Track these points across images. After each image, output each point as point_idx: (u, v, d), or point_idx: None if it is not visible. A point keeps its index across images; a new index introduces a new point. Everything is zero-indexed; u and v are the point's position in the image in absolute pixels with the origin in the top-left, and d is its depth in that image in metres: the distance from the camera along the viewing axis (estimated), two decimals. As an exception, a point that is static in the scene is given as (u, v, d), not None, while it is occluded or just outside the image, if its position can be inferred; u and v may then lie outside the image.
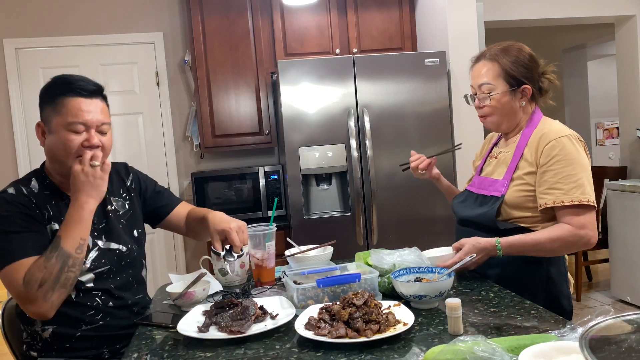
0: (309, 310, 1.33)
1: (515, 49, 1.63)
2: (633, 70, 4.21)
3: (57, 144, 1.50)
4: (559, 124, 1.63)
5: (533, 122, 1.65)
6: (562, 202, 1.50)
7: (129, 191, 1.75)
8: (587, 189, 1.50)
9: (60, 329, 1.54)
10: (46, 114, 1.52)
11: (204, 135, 3.43)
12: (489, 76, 1.63)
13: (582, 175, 1.51)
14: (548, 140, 1.55)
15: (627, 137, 4.38)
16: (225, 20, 3.41)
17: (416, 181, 3.11)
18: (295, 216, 3.03)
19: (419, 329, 1.26)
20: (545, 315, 1.29)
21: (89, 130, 1.51)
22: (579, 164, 1.51)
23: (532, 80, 1.63)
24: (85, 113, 1.49)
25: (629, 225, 3.92)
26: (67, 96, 1.49)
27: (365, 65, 3.03)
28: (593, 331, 0.77)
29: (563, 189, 1.50)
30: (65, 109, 1.49)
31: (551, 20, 4.07)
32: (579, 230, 1.50)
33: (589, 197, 1.50)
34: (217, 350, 1.22)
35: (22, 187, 1.53)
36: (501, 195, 1.61)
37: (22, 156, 3.59)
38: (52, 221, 1.51)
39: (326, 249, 1.85)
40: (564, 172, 1.51)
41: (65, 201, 1.56)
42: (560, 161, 1.52)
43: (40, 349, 1.56)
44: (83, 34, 3.63)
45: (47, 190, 1.56)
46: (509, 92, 1.62)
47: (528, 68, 1.62)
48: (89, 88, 1.53)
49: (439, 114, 3.11)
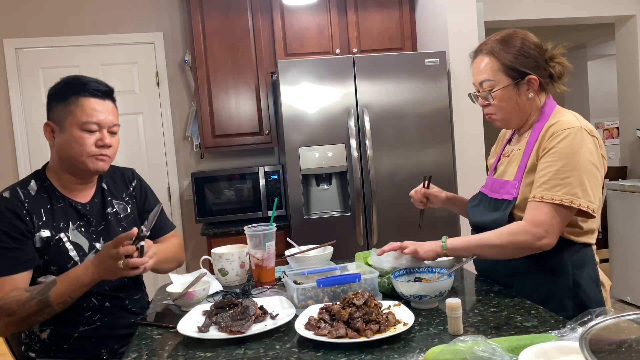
0: (309, 310, 1.33)
1: (515, 38, 1.48)
2: (633, 70, 4.21)
3: (69, 143, 1.52)
4: (571, 114, 1.46)
5: (544, 114, 1.49)
6: (541, 198, 1.37)
7: (131, 196, 1.77)
8: (575, 189, 1.34)
9: (58, 330, 1.55)
10: (57, 113, 1.55)
11: (204, 135, 3.43)
12: (488, 72, 1.49)
13: (574, 173, 1.35)
14: (552, 132, 1.41)
15: (627, 137, 4.38)
16: (225, 20, 3.41)
17: (416, 181, 3.11)
18: (295, 216, 3.03)
19: (419, 329, 1.26)
20: (545, 315, 1.29)
21: (102, 130, 1.55)
22: (576, 159, 1.36)
23: (537, 68, 1.47)
24: (99, 113, 1.54)
25: (629, 225, 3.92)
26: (82, 96, 1.53)
27: (365, 65, 3.03)
28: (593, 331, 0.77)
29: (547, 183, 1.37)
30: (79, 109, 1.52)
31: (551, 20, 4.07)
32: (531, 227, 1.36)
33: (572, 199, 1.34)
34: (217, 350, 1.22)
35: (20, 190, 1.54)
36: (513, 198, 1.47)
37: (22, 156, 3.59)
38: (43, 228, 1.52)
39: (326, 249, 1.85)
40: (555, 166, 1.37)
41: (61, 205, 1.57)
42: (555, 154, 1.38)
43: (38, 349, 1.57)
44: (83, 34, 3.63)
45: (44, 193, 1.57)
46: (512, 86, 1.47)
47: (531, 57, 1.46)
48: (102, 89, 1.57)
49: (439, 114, 3.11)
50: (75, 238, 1.57)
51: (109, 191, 1.70)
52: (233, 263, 1.76)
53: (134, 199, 1.77)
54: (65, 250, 1.54)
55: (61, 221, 1.56)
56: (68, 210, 1.59)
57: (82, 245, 1.58)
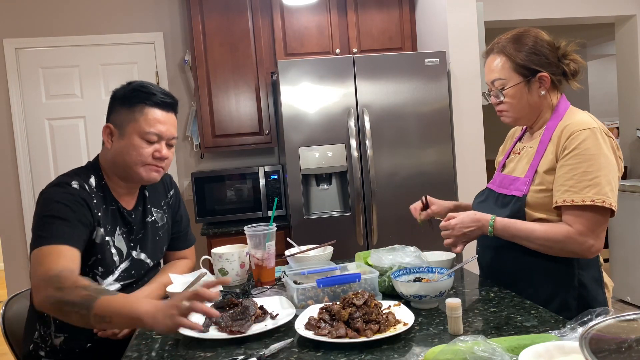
0: (309, 310, 1.33)
1: (527, 37, 1.49)
2: (633, 70, 4.21)
3: (128, 149, 1.52)
4: (586, 115, 1.46)
5: (558, 113, 1.50)
6: (572, 201, 1.37)
7: (168, 205, 1.77)
8: (604, 189, 1.35)
9: (73, 337, 1.54)
10: (120, 117, 1.54)
11: (204, 135, 3.43)
12: (499, 70, 1.51)
13: (600, 173, 1.35)
14: (570, 133, 1.40)
15: (627, 137, 4.38)
16: (225, 20, 3.41)
17: (416, 181, 3.12)
18: (295, 216, 3.03)
19: (419, 329, 1.26)
20: (545, 315, 1.29)
21: (161, 141, 1.55)
22: (600, 160, 1.36)
23: (549, 66, 1.47)
24: (162, 125, 1.54)
25: (629, 225, 3.92)
26: (147, 105, 1.53)
27: (365, 65, 3.03)
28: (593, 331, 0.77)
29: (576, 186, 1.36)
30: (143, 117, 1.52)
31: (551, 20, 4.07)
32: (578, 236, 1.37)
33: (604, 199, 1.35)
34: (217, 350, 1.22)
35: (84, 182, 1.52)
36: (522, 194, 1.47)
37: (22, 156, 3.59)
38: (101, 226, 1.52)
39: (326, 249, 1.85)
40: (580, 167, 1.37)
41: (113, 208, 1.58)
42: (578, 155, 1.37)
43: (48, 352, 1.56)
44: (83, 34, 3.63)
45: (101, 192, 1.56)
46: (523, 83, 1.48)
47: (542, 54, 1.47)
48: (168, 101, 1.57)
49: (439, 114, 3.11)
50: (119, 243, 1.58)
51: (149, 199, 1.70)
52: (233, 263, 1.76)
53: (169, 208, 1.77)
54: (111, 255, 1.55)
55: (110, 224, 1.56)
56: (116, 214, 1.59)
57: (123, 251, 1.58)
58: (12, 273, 3.55)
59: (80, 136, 3.66)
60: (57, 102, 3.63)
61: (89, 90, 3.66)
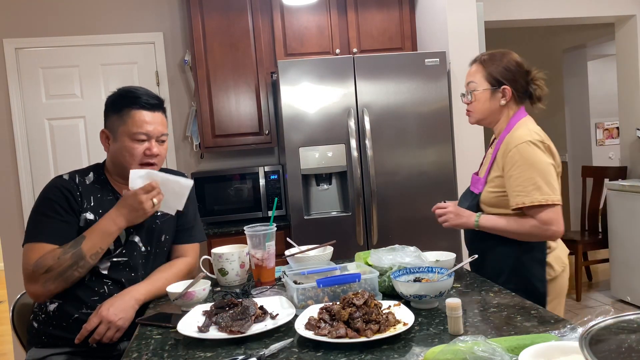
0: (309, 310, 1.33)
1: (505, 56, 1.78)
2: (633, 70, 4.21)
3: (121, 151, 1.67)
4: (525, 128, 1.72)
5: (510, 124, 1.78)
6: (523, 203, 1.67)
7: None
8: (544, 189, 1.64)
9: (64, 306, 1.62)
10: (111, 122, 1.70)
11: (204, 135, 3.43)
12: (474, 76, 1.80)
13: (538, 178, 1.65)
14: (509, 149, 1.70)
15: (627, 137, 4.38)
16: (225, 20, 3.41)
17: (416, 181, 3.13)
18: (295, 216, 3.03)
19: (419, 329, 1.26)
20: (545, 315, 1.29)
21: (150, 140, 1.68)
22: (535, 167, 1.66)
23: (514, 82, 1.76)
24: (149, 125, 1.67)
25: (629, 225, 3.92)
26: (133, 108, 1.66)
27: (365, 65, 3.03)
28: (593, 331, 0.77)
29: (524, 191, 1.66)
30: (130, 120, 1.66)
31: (551, 20, 4.07)
32: (542, 226, 1.66)
33: (547, 197, 1.64)
34: (217, 350, 1.22)
35: (78, 176, 1.70)
36: (479, 192, 1.80)
37: (22, 156, 3.58)
38: (89, 211, 1.66)
39: (326, 249, 1.85)
40: (523, 176, 1.66)
41: (109, 198, 1.70)
42: (520, 167, 1.67)
43: (42, 320, 1.64)
44: (83, 34, 3.63)
45: (98, 184, 1.72)
46: (489, 90, 1.78)
47: (510, 71, 1.76)
48: (153, 102, 1.70)
49: (439, 114, 3.11)
50: None
51: None
52: (233, 263, 1.76)
53: None
54: None
55: (106, 210, 1.65)
56: (114, 202, 1.68)
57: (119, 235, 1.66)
58: (12, 273, 3.54)
59: (80, 136, 3.66)
60: (57, 102, 3.63)
61: (89, 90, 3.66)
